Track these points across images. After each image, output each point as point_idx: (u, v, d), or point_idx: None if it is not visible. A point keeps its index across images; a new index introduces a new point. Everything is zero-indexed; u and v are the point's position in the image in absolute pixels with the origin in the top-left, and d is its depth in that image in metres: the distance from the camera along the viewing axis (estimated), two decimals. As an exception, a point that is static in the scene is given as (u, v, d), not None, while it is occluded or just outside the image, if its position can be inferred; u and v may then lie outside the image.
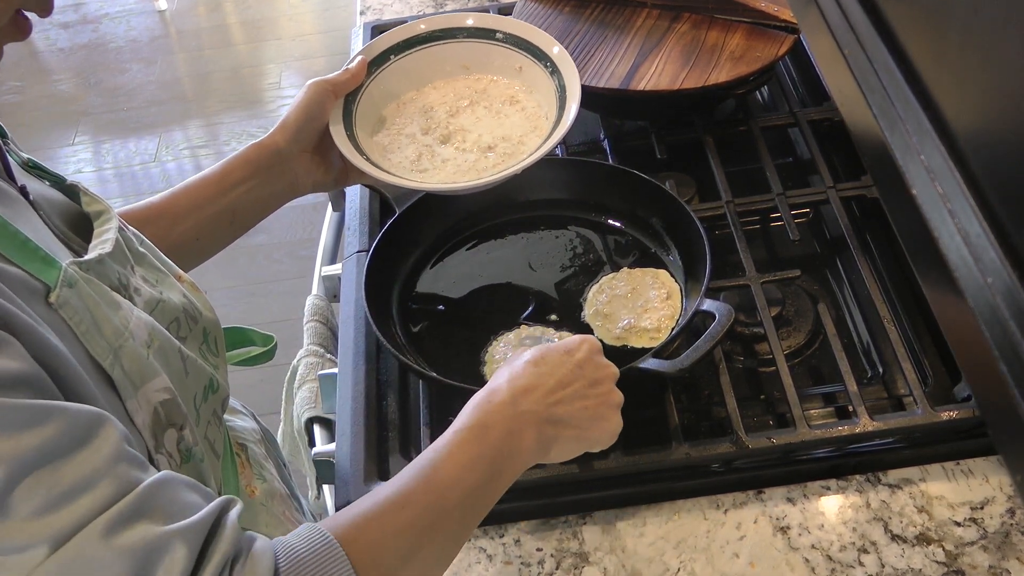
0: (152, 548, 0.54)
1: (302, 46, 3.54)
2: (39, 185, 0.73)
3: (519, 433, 0.69)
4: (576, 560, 0.84)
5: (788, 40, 1.19)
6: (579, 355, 0.76)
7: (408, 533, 0.63)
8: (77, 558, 0.52)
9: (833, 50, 0.67)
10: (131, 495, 0.55)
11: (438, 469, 0.66)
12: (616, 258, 1.08)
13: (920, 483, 0.87)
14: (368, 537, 0.62)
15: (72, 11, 3.86)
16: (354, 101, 1.00)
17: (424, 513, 0.64)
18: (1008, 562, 0.80)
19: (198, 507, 0.58)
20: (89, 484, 0.53)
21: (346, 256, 1.15)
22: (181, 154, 3.11)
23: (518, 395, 0.71)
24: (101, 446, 0.55)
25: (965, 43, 0.48)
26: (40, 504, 0.51)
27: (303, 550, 0.60)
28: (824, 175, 1.12)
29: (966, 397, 0.92)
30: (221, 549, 0.56)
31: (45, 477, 0.52)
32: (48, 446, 0.52)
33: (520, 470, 0.70)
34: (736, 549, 0.84)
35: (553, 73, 1.01)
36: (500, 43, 1.04)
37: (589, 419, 0.74)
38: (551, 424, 0.71)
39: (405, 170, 0.98)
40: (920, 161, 0.54)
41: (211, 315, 0.79)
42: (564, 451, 0.74)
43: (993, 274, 0.47)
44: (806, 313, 1.05)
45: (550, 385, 0.72)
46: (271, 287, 2.57)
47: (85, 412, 0.55)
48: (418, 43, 1.04)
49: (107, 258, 0.67)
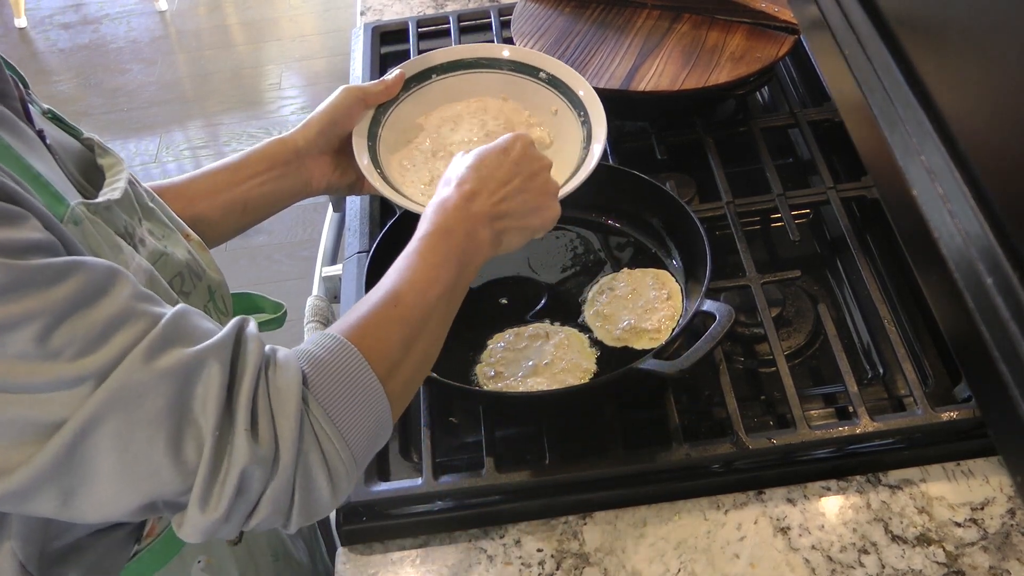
0: (189, 368, 0.59)
1: (302, 47, 3.54)
2: (57, 132, 0.76)
3: (475, 232, 0.77)
4: (576, 561, 0.84)
5: (788, 41, 1.19)
6: (514, 153, 0.83)
7: (404, 325, 0.70)
8: (124, 386, 0.56)
9: (833, 50, 0.67)
10: (159, 326, 0.59)
11: (416, 270, 0.73)
12: (616, 258, 1.08)
13: (920, 484, 0.87)
14: (373, 334, 0.69)
15: (72, 12, 3.87)
16: (384, 113, 1.00)
17: (413, 308, 0.71)
18: (1008, 563, 0.80)
19: (212, 330, 0.63)
20: (120, 323, 0.58)
21: (347, 257, 1.15)
22: (181, 154, 3.11)
23: (468, 199, 0.78)
24: (121, 290, 0.59)
25: (965, 44, 0.48)
26: (80, 346, 0.56)
27: (321, 354, 0.66)
28: (824, 176, 1.12)
29: (966, 397, 0.91)
30: (252, 360, 0.62)
31: (79, 322, 0.56)
32: (75, 296, 0.56)
33: (480, 264, 0.79)
34: (736, 550, 0.84)
35: (584, 123, 1.01)
36: (541, 83, 1.04)
37: (531, 210, 0.82)
38: (499, 219, 0.80)
39: (418, 191, 0.98)
40: (920, 161, 0.54)
41: (217, 275, 0.81)
42: (513, 241, 0.82)
43: (993, 274, 0.47)
44: (806, 314, 1.05)
45: (492, 186, 0.80)
46: (271, 288, 2.57)
47: (102, 264, 0.59)
48: (464, 67, 1.05)
49: (115, 205, 0.70)
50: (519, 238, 0.82)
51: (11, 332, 0.54)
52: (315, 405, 0.63)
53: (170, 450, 0.58)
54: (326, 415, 0.63)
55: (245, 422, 0.60)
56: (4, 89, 0.68)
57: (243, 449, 0.59)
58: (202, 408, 0.59)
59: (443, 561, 0.86)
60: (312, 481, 0.63)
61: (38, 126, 0.71)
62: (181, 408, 0.58)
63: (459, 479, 0.89)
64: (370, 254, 1.03)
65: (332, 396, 0.64)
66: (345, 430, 0.64)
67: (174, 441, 0.58)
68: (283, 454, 0.61)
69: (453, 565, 0.85)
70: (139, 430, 0.57)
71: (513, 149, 0.83)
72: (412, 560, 0.86)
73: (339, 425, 0.64)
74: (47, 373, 0.55)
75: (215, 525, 0.60)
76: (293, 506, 0.63)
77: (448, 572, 0.85)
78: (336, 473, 0.64)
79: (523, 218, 0.81)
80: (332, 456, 0.63)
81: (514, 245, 0.82)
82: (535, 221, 0.83)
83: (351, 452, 0.64)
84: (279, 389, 0.62)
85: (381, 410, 0.67)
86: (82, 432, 0.56)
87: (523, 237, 0.83)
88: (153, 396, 0.57)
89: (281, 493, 0.61)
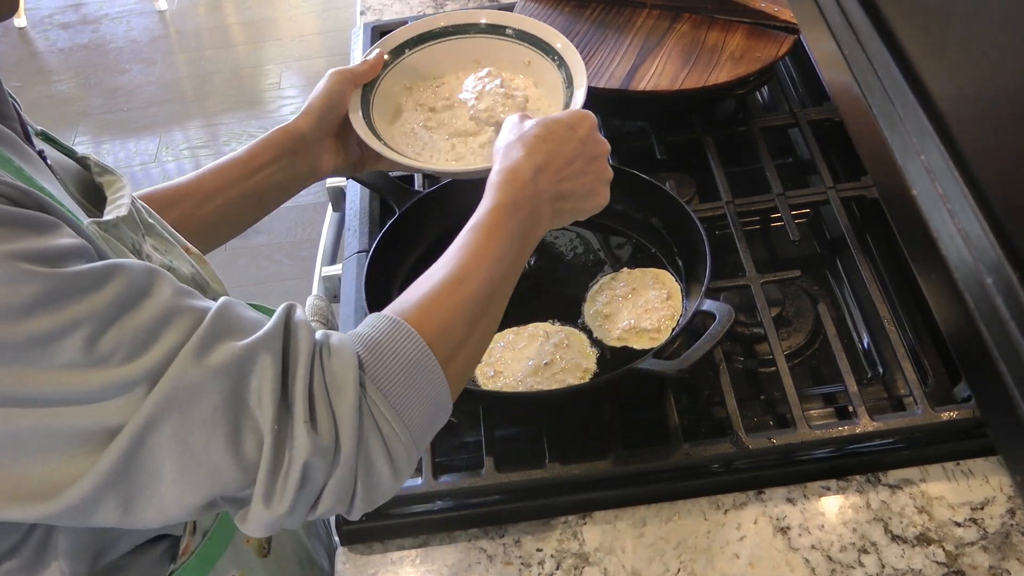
0: (242, 361, 0.58)
1: (302, 47, 3.54)
2: (54, 152, 0.76)
3: (539, 210, 0.77)
4: (576, 560, 0.84)
5: (788, 40, 1.19)
6: (581, 131, 0.81)
7: (470, 307, 0.69)
8: (177, 386, 0.56)
9: (833, 50, 0.67)
10: (205, 321, 0.59)
11: (483, 247, 0.72)
12: (616, 258, 1.08)
13: (920, 483, 0.87)
14: (437, 316, 0.67)
15: (72, 11, 3.87)
16: (371, 91, 1.03)
17: (480, 288, 0.70)
18: (1008, 563, 0.80)
19: (259, 320, 0.62)
20: (166, 321, 0.57)
21: (346, 256, 1.15)
22: (181, 154, 3.11)
23: (537, 173, 0.77)
24: (163, 289, 0.59)
25: (965, 43, 0.48)
26: (128, 350, 0.55)
27: (377, 337, 0.65)
28: (824, 175, 1.12)
29: (966, 397, 0.92)
30: (304, 348, 0.61)
31: (125, 325, 0.55)
32: (119, 299, 0.56)
33: (537, 240, 0.78)
34: (736, 549, 0.84)
35: (560, 66, 1.04)
36: (509, 39, 1.08)
37: (586, 194, 0.81)
38: (559, 199, 0.79)
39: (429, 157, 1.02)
40: (920, 161, 0.54)
41: (220, 287, 0.81)
42: (563, 220, 0.82)
43: (993, 274, 0.47)
44: (806, 313, 1.05)
45: (558, 163, 0.79)
46: (271, 288, 2.57)
47: (140, 264, 0.59)
48: (432, 38, 1.08)
49: (121, 223, 0.69)
50: (570, 218, 0.82)
51: (58, 342, 0.53)
52: (373, 389, 0.62)
53: (230, 447, 0.57)
54: (385, 399, 0.62)
55: (304, 413, 0.59)
56: (4, 110, 0.68)
57: (303, 441, 0.58)
58: (258, 402, 0.58)
59: (443, 561, 0.86)
60: (373, 467, 0.62)
61: (38, 147, 0.71)
62: (237, 404, 0.58)
63: (459, 479, 0.89)
64: (370, 254, 1.03)
65: (391, 379, 0.63)
66: (404, 413, 0.63)
67: (233, 438, 0.57)
68: (344, 443, 0.60)
69: (453, 565, 0.85)
70: (196, 429, 0.56)
71: (581, 126, 0.82)
72: (412, 560, 0.86)
73: (398, 409, 0.63)
74: (98, 380, 0.54)
75: (280, 519, 0.60)
76: (356, 493, 0.62)
77: (448, 572, 0.85)
78: (397, 457, 0.63)
79: (579, 200, 0.80)
80: (392, 440, 0.62)
81: (562, 223, 0.82)
82: (588, 204, 0.82)
83: (411, 435, 0.63)
84: (335, 375, 0.61)
85: (441, 391, 0.66)
86: (139, 437, 0.55)
87: (574, 217, 0.82)
88: (208, 394, 0.56)
89: (344, 482, 0.61)
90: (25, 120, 0.73)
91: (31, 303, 0.52)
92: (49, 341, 0.53)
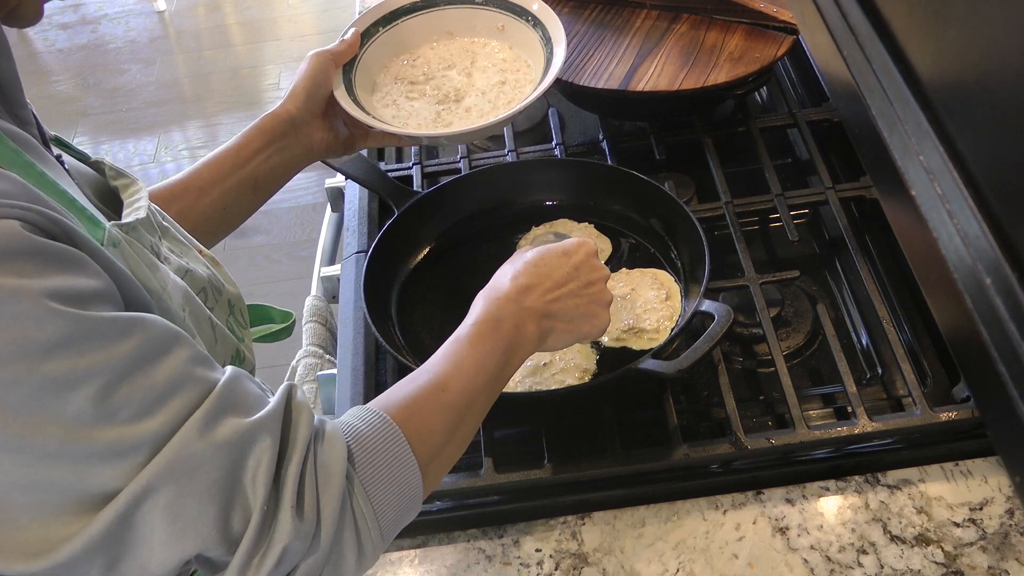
0: (245, 440, 0.59)
1: (301, 47, 3.54)
2: (69, 157, 0.76)
3: (523, 326, 0.78)
4: (575, 561, 0.84)
5: (787, 41, 1.19)
6: (576, 258, 0.83)
7: (450, 412, 0.71)
8: (179, 457, 0.56)
9: (832, 51, 0.67)
10: (214, 393, 0.59)
11: (464, 356, 0.74)
12: (615, 258, 1.08)
13: (919, 484, 0.87)
14: (418, 417, 0.69)
15: (71, 12, 3.86)
16: (351, 70, 1.05)
17: (460, 395, 0.72)
18: (1007, 563, 0.80)
19: (263, 397, 0.63)
20: (177, 387, 0.57)
21: (345, 257, 1.15)
22: (180, 155, 3.11)
23: (521, 293, 0.79)
24: (181, 352, 0.58)
25: (963, 44, 0.48)
26: (136, 409, 0.55)
27: (366, 431, 0.66)
28: (823, 176, 1.12)
29: (965, 398, 0.92)
30: (302, 434, 0.62)
31: (138, 382, 0.55)
32: (137, 354, 0.55)
33: (525, 358, 0.79)
34: (735, 550, 0.84)
35: (536, 25, 1.06)
36: (481, 6, 1.10)
37: (581, 316, 0.82)
38: (548, 318, 0.80)
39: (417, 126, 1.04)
40: (919, 161, 0.54)
41: (234, 289, 0.82)
42: (559, 342, 0.82)
43: (992, 274, 0.47)
44: (805, 314, 1.05)
45: (547, 285, 0.81)
46: (270, 288, 2.57)
47: (161, 322, 0.59)
48: (403, 14, 1.11)
49: (139, 225, 0.70)
50: (566, 339, 0.82)
51: (72, 390, 0.52)
52: (357, 485, 0.64)
53: (219, 522, 0.58)
54: (365, 496, 0.64)
55: (292, 498, 0.60)
56: (24, 116, 0.68)
57: (287, 526, 0.59)
58: (252, 481, 0.59)
59: (441, 561, 0.86)
60: (343, 558, 0.63)
61: (55, 151, 0.71)
62: (233, 480, 0.58)
63: (457, 479, 0.89)
64: (368, 254, 1.03)
65: (373, 477, 0.65)
66: (380, 511, 0.65)
67: (224, 513, 0.58)
68: (323, 531, 0.61)
69: (451, 565, 0.85)
70: (192, 501, 0.56)
71: (576, 254, 0.83)
72: (411, 560, 0.86)
73: (375, 506, 0.64)
74: (102, 439, 0.53)
75: None
76: None
77: (447, 572, 0.85)
78: (365, 551, 0.64)
79: (572, 321, 0.81)
80: (364, 535, 0.64)
81: (559, 345, 0.82)
82: (584, 327, 0.82)
83: (381, 531, 0.65)
84: (326, 466, 0.62)
85: (415, 494, 0.68)
86: (135, 503, 0.55)
87: (570, 339, 0.82)
88: (208, 468, 0.57)
89: (314, 567, 0.62)
90: (42, 126, 0.73)
91: (53, 344, 0.51)
92: (63, 387, 0.52)
